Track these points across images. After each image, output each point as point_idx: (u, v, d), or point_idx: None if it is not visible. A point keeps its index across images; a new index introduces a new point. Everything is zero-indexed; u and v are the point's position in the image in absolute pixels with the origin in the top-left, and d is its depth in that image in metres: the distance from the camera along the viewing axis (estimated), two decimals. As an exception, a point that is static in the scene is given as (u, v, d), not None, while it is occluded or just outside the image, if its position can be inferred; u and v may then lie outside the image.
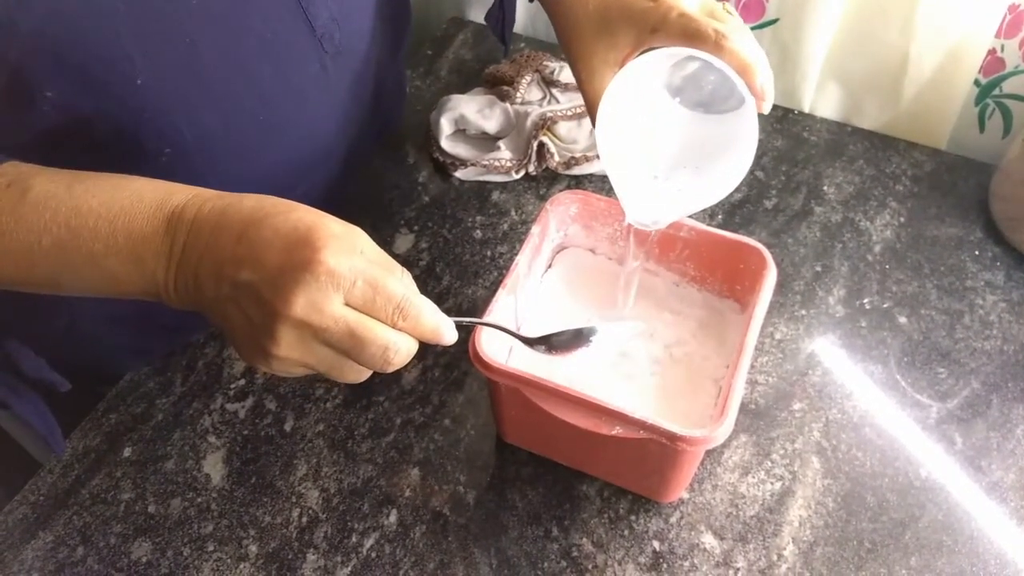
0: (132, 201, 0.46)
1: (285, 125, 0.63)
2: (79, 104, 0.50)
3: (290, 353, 0.43)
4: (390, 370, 0.44)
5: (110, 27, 0.48)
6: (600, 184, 0.84)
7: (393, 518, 0.63)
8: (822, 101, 0.92)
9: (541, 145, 0.82)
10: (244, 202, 0.45)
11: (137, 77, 0.51)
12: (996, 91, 0.86)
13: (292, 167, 0.66)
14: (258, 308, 0.42)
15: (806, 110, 0.92)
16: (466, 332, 0.72)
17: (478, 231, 0.81)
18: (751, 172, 0.84)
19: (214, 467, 0.66)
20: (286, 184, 0.65)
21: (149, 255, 0.46)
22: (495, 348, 0.60)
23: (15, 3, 0.45)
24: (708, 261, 0.66)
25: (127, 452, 0.67)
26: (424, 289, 0.75)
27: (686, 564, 0.60)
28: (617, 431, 0.54)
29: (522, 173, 0.84)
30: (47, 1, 0.46)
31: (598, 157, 0.83)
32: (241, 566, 0.61)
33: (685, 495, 0.63)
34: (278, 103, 0.61)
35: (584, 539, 0.61)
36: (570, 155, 0.83)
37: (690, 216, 0.62)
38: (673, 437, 0.52)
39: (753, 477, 0.64)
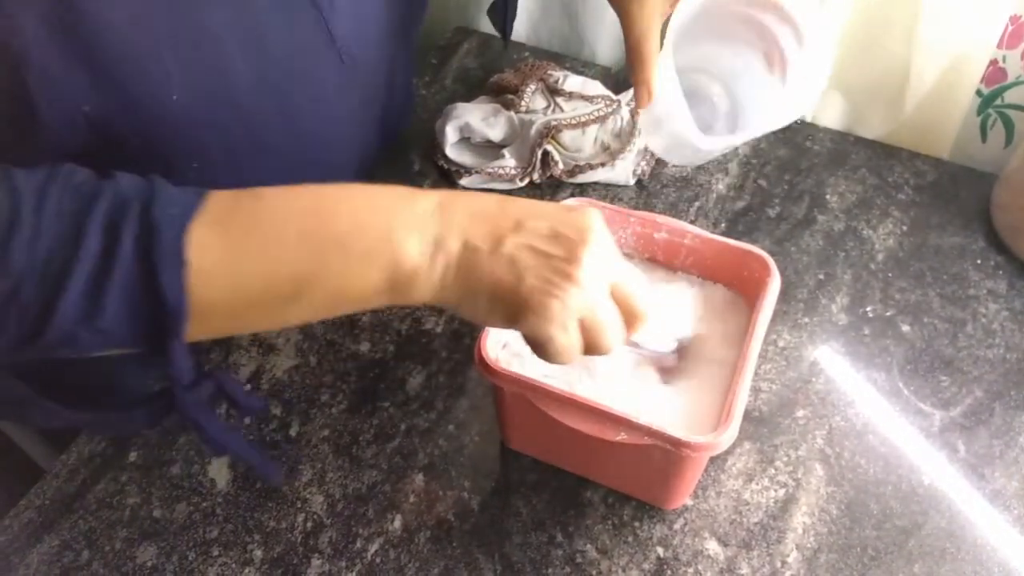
0: (370, 190, 0.45)
1: (306, 136, 0.63)
2: (114, 119, 0.50)
3: (594, 276, 0.44)
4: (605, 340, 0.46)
5: (153, 43, 0.48)
6: (604, 192, 0.85)
7: (398, 524, 0.63)
8: (825, 111, 0.93)
9: (545, 153, 0.83)
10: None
11: (173, 92, 0.51)
12: (998, 101, 0.87)
13: (310, 176, 0.67)
14: (557, 243, 0.44)
15: (809, 119, 0.93)
16: (470, 338, 0.72)
17: (483, 238, 0.81)
18: (754, 180, 0.85)
19: (219, 472, 0.66)
20: None
21: (401, 226, 0.43)
22: (499, 353, 0.60)
23: (73, 17, 0.45)
24: (712, 268, 0.66)
25: (133, 456, 0.67)
26: (429, 296, 0.76)
27: (690, 571, 0.60)
28: (622, 437, 0.54)
29: (526, 181, 0.85)
30: (105, 12, 0.46)
31: (602, 165, 0.83)
32: (246, 571, 0.61)
33: (689, 502, 0.63)
34: (300, 115, 0.61)
35: (588, 545, 0.62)
36: (574, 163, 0.84)
37: (693, 224, 0.63)
38: (677, 443, 0.52)
39: (757, 484, 0.64)
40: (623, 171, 0.84)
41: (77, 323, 0.38)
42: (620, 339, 0.46)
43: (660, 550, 0.61)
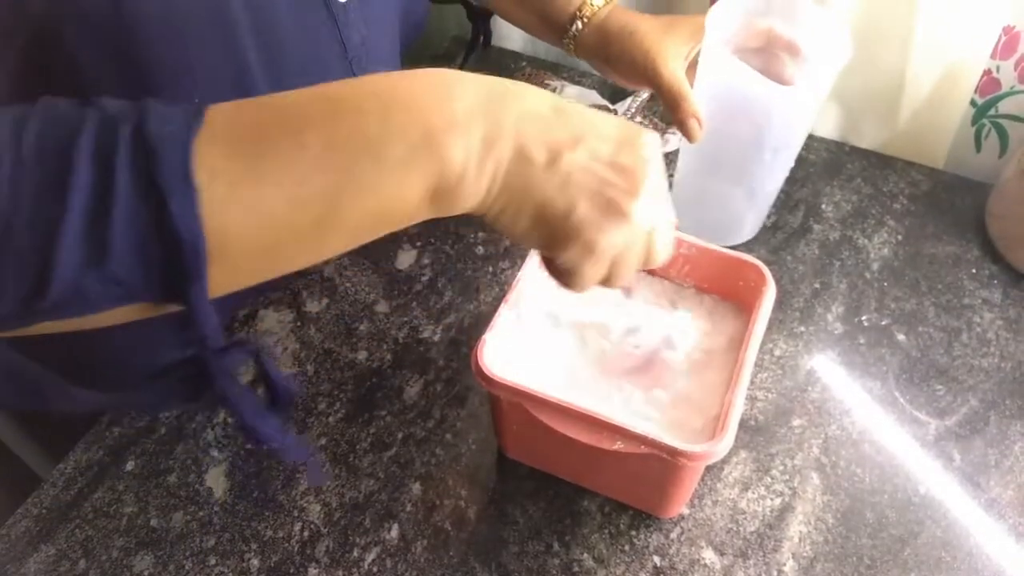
0: (395, 81, 0.39)
1: None
2: None
3: (644, 215, 0.41)
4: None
5: (182, 39, 0.48)
6: (601, 201, 0.85)
7: (394, 532, 0.63)
8: (820, 121, 0.93)
9: (542, 162, 0.83)
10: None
11: (195, 94, 0.50)
12: (992, 111, 0.87)
13: None
14: (616, 171, 0.41)
15: (804, 129, 0.93)
16: (468, 347, 0.72)
17: (480, 247, 0.81)
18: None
19: (216, 481, 0.66)
20: None
21: (442, 127, 0.38)
22: (497, 362, 0.60)
23: (111, 7, 0.43)
24: (708, 278, 0.66)
25: (130, 465, 0.67)
26: (426, 305, 0.76)
27: (686, 579, 0.60)
28: (618, 446, 0.54)
29: (524, 190, 0.85)
30: (143, 3, 0.45)
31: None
32: (243, 580, 0.61)
33: (685, 510, 0.64)
34: None
35: (585, 554, 0.62)
36: (571, 172, 0.84)
37: (689, 233, 0.63)
38: (674, 452, 0.52)
39: (753, 493, 0.64)
40: (620, 180, 0.84)
41: (82, 271, 0.33)
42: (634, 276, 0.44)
43: (656, 559, 0.61)
